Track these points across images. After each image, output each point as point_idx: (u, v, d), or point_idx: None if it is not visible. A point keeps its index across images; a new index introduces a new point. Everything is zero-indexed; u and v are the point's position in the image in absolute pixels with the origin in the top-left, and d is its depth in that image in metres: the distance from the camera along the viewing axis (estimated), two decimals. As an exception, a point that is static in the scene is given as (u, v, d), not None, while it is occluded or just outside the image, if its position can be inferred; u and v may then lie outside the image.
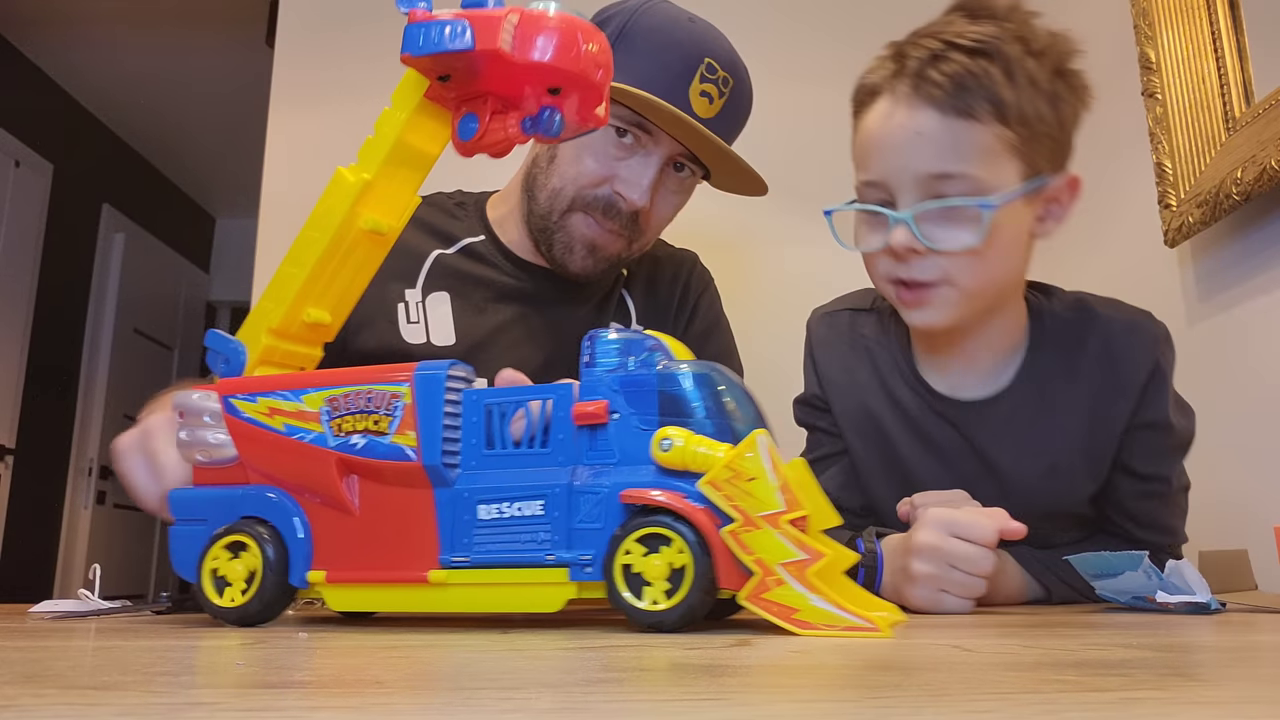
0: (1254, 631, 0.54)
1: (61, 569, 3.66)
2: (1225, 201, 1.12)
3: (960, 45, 0.74)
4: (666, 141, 0.94)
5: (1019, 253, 0.80)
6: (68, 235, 3.76)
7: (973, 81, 0.73)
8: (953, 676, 0.33)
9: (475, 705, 0.28)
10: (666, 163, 0.95)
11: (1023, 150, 0.74)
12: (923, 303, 0.78)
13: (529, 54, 0.51)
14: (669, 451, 0.48)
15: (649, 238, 1.00)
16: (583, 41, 0.52)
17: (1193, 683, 0.33)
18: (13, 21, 3.35)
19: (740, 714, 0.26)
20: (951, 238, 0.74)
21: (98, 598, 0.70)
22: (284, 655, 0.42)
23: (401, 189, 0.59)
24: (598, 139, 0.94)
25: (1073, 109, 0.78)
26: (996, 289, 0.80)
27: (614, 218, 0.95)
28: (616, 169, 0.94)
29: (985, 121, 0.73)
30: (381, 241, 0.60)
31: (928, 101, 0.73)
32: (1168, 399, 0.84)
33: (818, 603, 0.45)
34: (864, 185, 0.79)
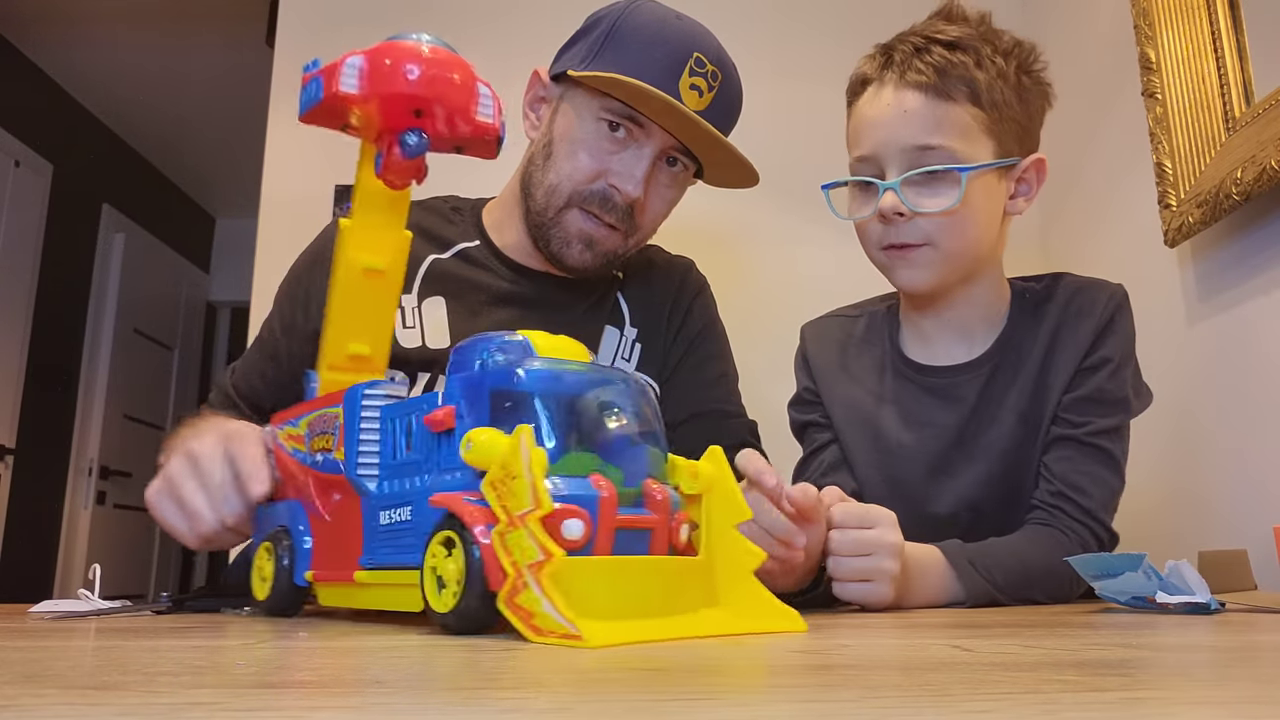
0: (1254, 631, 0.54)
1: (61, 569, 3.66)
2: (1225, 201, 1.12)
3: (940, 40, 0.86)
4: (658, 134, 0.94)
5: (993, 224, 0.90)
6: (68, 235, 3.75)
7: (951, 69, 0.85)
8: (953, 676, 0.33)
9: (475, 705, 0.28)
10: (659, 155, 0.95)
11: (994, 130, 0.86)
12: (909, 262, 0.88)
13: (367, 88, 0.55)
14: (469, 451, 0.47)
15: (644, 233, 1.00)
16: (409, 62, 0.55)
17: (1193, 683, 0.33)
18: (13, 21, 3.35)
19: (740, 714, 0.26)
20: (933, 201, 0.85)
21: (98, 598, 0.70)
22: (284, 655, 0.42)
23: (386, 229, 0.64)
24: (591, 134, 0.95)
25: (1037, 103, 0.91)
26: (972, 254, 0.89)
27: (610, 211, 0.95)
28: (610, 163, 0.95)
29: (961, 103, 0.85)
30: (383, 278, 0.64)
31: (913, 85, 0.85)
32: (1116, 351, 0.88)
33: (547, 608, 0.42)
34: (856, 161, 0.89)
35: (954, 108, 0.85)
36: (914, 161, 0.85)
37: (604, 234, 0.97)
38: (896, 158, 0.86)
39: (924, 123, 0.85)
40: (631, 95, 0.91)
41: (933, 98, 0.85)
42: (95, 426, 3.86)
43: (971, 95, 0.85)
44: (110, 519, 3.92)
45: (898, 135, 0.85)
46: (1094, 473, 0.86)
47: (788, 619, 0.51)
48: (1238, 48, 1.17)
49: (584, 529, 0.45)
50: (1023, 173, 0.90)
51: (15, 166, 3.43)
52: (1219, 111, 1.19)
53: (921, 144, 0.84)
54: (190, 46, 3.45)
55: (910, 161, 0.85)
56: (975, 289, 0.93)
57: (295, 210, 1.75)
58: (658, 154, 0.95)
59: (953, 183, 0.84)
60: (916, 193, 0.85)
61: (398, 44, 0.57)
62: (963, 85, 0.85)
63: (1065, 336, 0.89)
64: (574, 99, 0.97)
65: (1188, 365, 1.27)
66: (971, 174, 0.84)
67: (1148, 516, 1.37)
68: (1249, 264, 1.14)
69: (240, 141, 3.34)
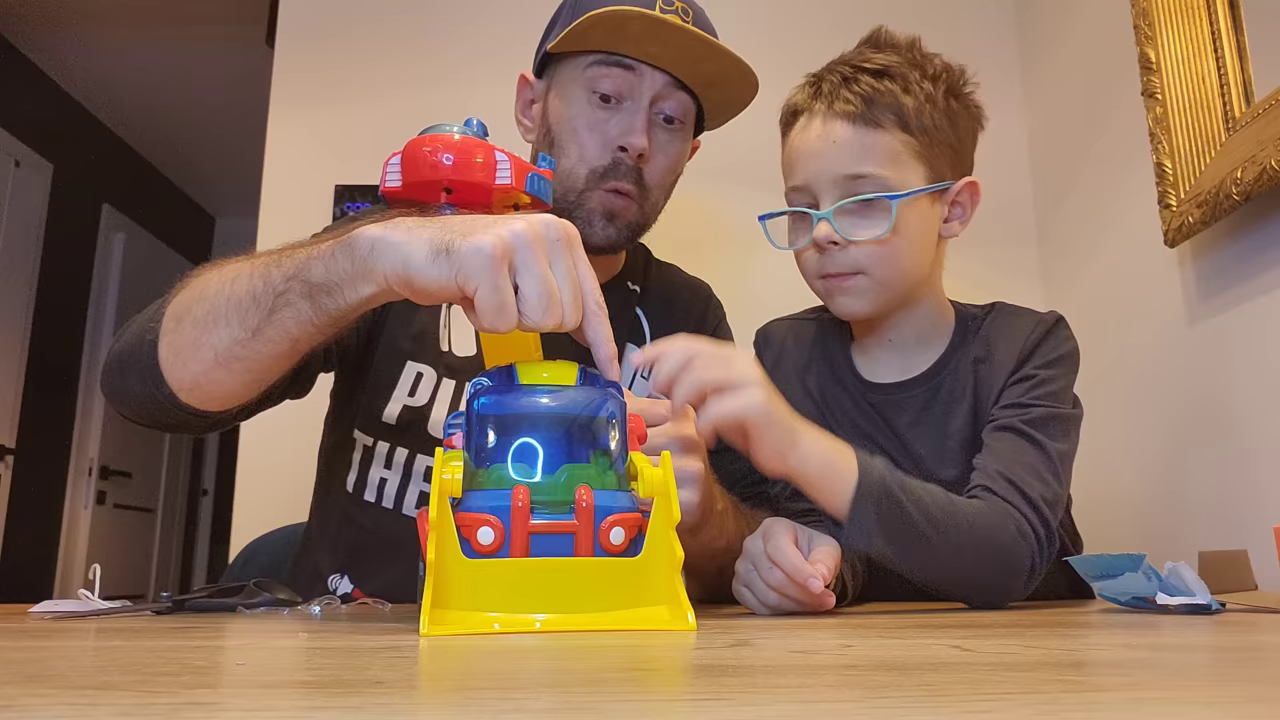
0: (1254, 631, 0.54)
1: (61, 569, 3.66)
2: (1225, 201, 1.12)
3: (867, 69, 0.88)
4: (648, 76, 0.94)
5: (928, 249, 0.91)
6: (68, 235, 3.75)
7: (878, 97, 0.86)
8: (953, 676, 0.33)
9: (475, 705, 0.28)
10: (654, 103, 0.95)
11: (925, 155, 0.87)
12: (845, 291, 0.89)
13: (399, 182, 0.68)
14: None
15: (655, 198, 0.99)
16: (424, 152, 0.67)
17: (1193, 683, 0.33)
18: (13, 21, 3.35)
19: (741, 714, 0.26)
20: (865, 230, 0.86)
21: (98, 598, 0.70)
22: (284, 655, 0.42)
23: None
24: (584, 111, 0.95)
25: (968, 125, 0.91)
26: (907, 280, 0.90)
27: (623, 176, 0.94)
28: (609, 128, 0.94)
29: (890, 130, 0.86)
30: None
31: (841, 115, 0.86)
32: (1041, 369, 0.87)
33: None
34: (792, 191, 0.91)
35: (882, 135, 0.86)
36: (846, 190, 0.86)
37: (621, 204, 0.96)
38: (829, 187, 0.87)
39: (853, 152, 0.86)
40: (611, 29, 0.90)
41: (861, 127, 0.86)
42: (95, 426, 3.86)
43: (900, 122, 0.86)
44: (110, 519, 3.92)
45: (828, 166, 0.87)
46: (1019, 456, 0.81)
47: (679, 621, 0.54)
48: (1238, 48, 1.17)
49: (494, 535, 0.52)
50: (956, 196, 0.91)
51: (15, 166, 3.43)
52: (1219, 111, 1.19)
53: (852, 173, 0.86)
54: (190, 47, 3.45)
55: (842, 190, 0.86)
56: (914, 312, 0.94)
57: (295, 210, 1.75)
58: (652, 101, 0.95)
59: (884, 211, 0.85)
60: (850, 222, 0.86)
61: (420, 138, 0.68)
62: (891, 113, 0.86)
63: (994, 359, 0.89)
64: (560, 82, 0.97)
65: (1188, 365, 1.27)
66: (902, 201, 0.85)
67: (1148, 516, 1.37)
68: (1249, 264, 1.14)
69: (240, 141, 3.34)
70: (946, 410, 0.91)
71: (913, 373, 0.93)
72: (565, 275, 0.58)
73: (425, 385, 0.97)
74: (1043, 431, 0.83)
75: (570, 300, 0.58)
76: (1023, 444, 0.82)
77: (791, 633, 0.53)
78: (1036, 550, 0.77)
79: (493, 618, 0.52)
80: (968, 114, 0.91)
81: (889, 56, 0.89)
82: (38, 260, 3.57)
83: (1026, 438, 0.82)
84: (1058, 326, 0.90)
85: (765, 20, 1.83)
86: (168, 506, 4.41)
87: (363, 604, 0.81)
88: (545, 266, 0.57)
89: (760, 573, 0.70)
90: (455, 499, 0.54)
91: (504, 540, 0.53)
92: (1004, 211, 1.75)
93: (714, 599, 0.82)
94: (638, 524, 0.56)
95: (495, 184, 0.67)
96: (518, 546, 0.53)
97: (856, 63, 0.89)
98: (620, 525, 0.55)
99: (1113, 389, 1.47)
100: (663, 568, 0.56)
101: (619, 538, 0.55)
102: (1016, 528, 0.76)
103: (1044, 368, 0.87)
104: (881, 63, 0.88)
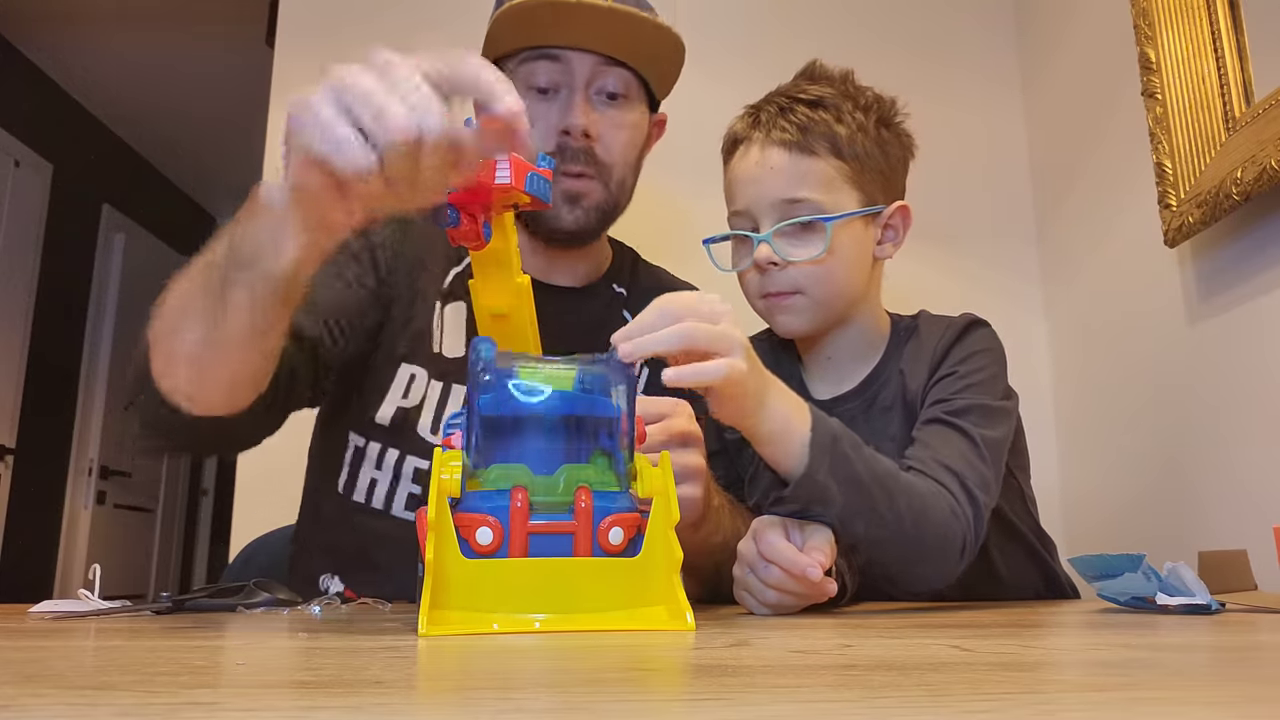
0: (1254, 631, 0.54)
1: (61, 569, 3.66)
2: (1225, 201, 1.12)
3: (802, 99, 0.93)
4: (575, 61, 0.94)
5: (862, 269, 0.95)
6: (68, 235, 3.75)
7: (813, 126, 0.91)
8: (953, 676, 0.33)
9: (475, 705, 0.28)
10: (589, 83, 0.95)
11: (857, 181, 0.92)
12: (784, 309, 0.93)
13: None
14: None
15: (618, 175, 0.98)
16: None
17: (1193, 683, 0.33)
18: (13, 21, 3.35)
19: (741, 714, 0.26)
20: (802, 251, 0.90)
21: (98, 598, 0.70)
22: (284, 655, 0.42)
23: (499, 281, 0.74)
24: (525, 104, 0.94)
25: (899, 153, 0.96)
26: (843, 298, 0.94)
27: (573, 160, 0.94)
28: (548, 117, 0.94)
29: (824, 156, 0.91)
30: (505, 319, 0.75)
31: (777, 143, 0.91)
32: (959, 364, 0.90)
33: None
34: (733, 216, 0.95)
35: (817, 162, 0.90)
36: (783, 214, 0.90)
37: (580, 185, 0.96)
38: (767, 211, 0.91)
39: (789, 178, 0.90)
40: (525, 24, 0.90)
41: (796, 153, 0.90)
42: (95, 426, 3.86)
43: (834, 149, 0.91)
44: (110, 519, 3.92)
45: (766, 190, 0.91)
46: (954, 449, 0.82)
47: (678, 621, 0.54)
48: (1238, 48, 1.17)
49: (493, 536, 0.52)
50: (888, 219, 0.95)
51: (15, 166, 3.43)
52: (1219, 111, 1.18)
53: (788, 198, 0.90)
54: (190, 46, 3.45)
55: (780, 214, 0.91)
56: (850, 329, 0.97)
57: (295, 210, 1.75)
58: (588, 81, 0.95)
59: (819, 233, 0.90)
60: (788, 243, 0.91)
61: None
62: (824, 140, 0.90)
63: (915, 365, 0.93)
64: None
65: (1188, 365, 1.27)
66: (836, 223, 0.90)
67: (1148, 516, 1.37)
68: (1249, 264, 1.14)
69: (240, 141, 3.34)
70: (882, 419, 0.94)
71: (849, 385, 0.98)
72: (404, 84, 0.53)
73: (417, 387, 0.97)
74: (966, 420, 0.84)
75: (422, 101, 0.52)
76: (949, 433, 0.84)
77: (791, 633, 0.53)
78: (969, 530, 0.78)
79: (491, 618, 0.52)
80: (898, 142, 0.96)
81: (823, 88, 0.94)
82: (38, 260, 3.56)
83: (952, 426, 0.84)
84: (971, 328, 0.94)
85: (766, 21, 1.83)
86: (168, 506, 4.41)
87: (362, 604, 0.81)
88: (374, 88, 0.52)
89: (756, 573, 0.70)
90: (454, 499, 0.54)
91: (503, 540, 0.53)
92: (1004, 211, 1.75)
93: (712, 598, 0.82)
94: (636, 524, 0.56)
95: (495, 184, 0.67)
96: (516, 547, 0.53)
97: (793, 94, 0.94)
98: (619, 525, 0.55)
99: (1112, 389, 1.47)
100: (662, 568, 0.56)
101: (618, 538, 0.55)
102: (949, 507, 0.77)
103: (961, 363, 0.90)
104: (816, 94, 0.93)
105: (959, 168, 1.70)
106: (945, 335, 0.93)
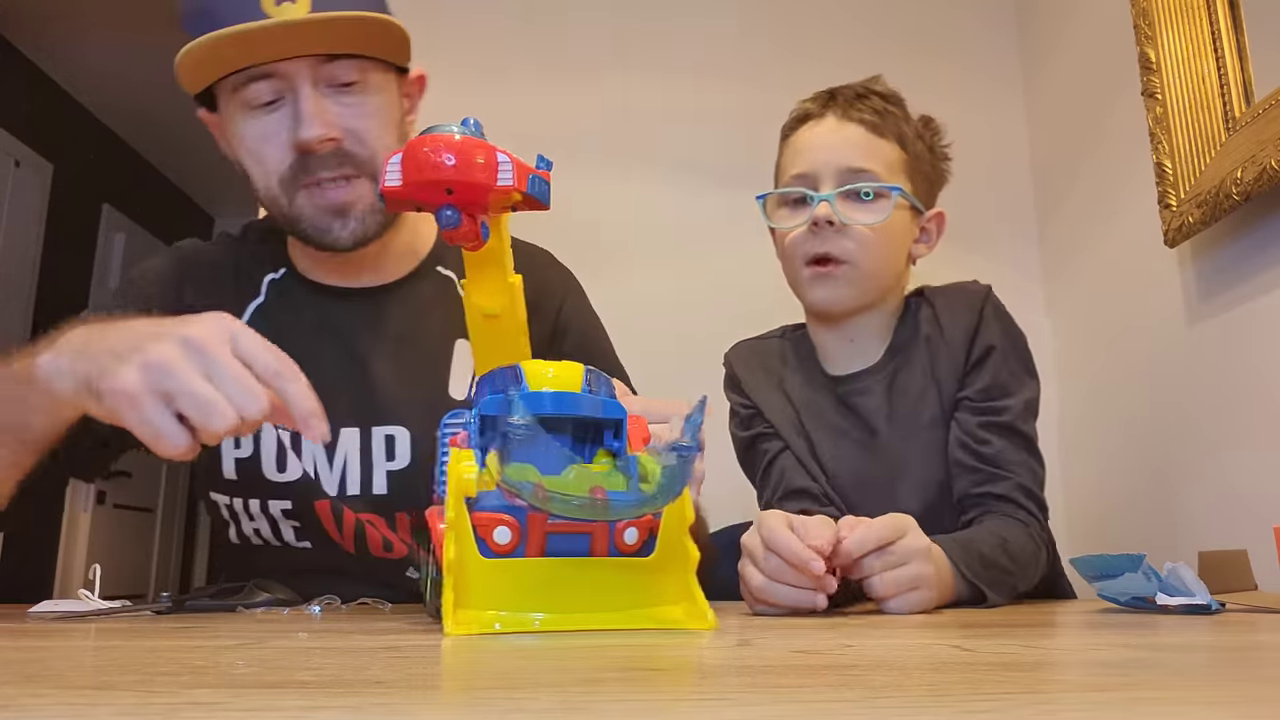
0: (1254, 631, 0.54)
1: (61, 569, 3.66)
2: (1225, 201, 1.12)
3: (877, 92, 1.01)
4: (291, 70, 0.86)
5: (902, 256, 1.01)
6: (68, 235, 3.75)
7: (886, 114, 0.99)
8: (953, 676, 0.33)
9: (475, 705, 0.28)
10: (313, 85, 0.87)
11: (911, 175, 0.99)
12: (829, 279, 0.97)
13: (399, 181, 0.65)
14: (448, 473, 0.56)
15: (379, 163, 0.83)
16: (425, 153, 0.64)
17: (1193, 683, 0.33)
18: (13, 21, 3.35)
19: (741, 714, 0.26)
20: (861, 215, 0.95)
21: (97, 598, 0.70)
22: (284, 655, 0.42)
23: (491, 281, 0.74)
24: (249, 126, 0.88)
25: (940, 170, 1.05)
26: (884, 277, 0.99)
27: (322, 166, 0.88)
28: (280, 131, 0.88)
29: (891, 142, 0.98)
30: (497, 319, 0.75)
31: (854, 120, 0.98)
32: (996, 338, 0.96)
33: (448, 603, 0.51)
34: (792, 179, 0.99)
35: (886, 144, 0.98)
36: (847, 180, 0.96)
37: (343, 193, 0.89)
38: (832, 176, 0.96)
39: (862, 149, 0.97)
40: (214, 56, 0.83)
41: (870, 132, 0.97)
42: (95, 426, 3.85)
43: (900, 139, 0.99)
44: (110, 519, 3.92)
45: (836, 156, 0.97)
46: (1011, 454, 0.92)
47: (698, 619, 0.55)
48: (1238, 48, 1.17)
49: (511, 535, 0.52)
50: (926, 222, 1.02)
51: (15, 166, 3.43)
52: (1219, 111, 1.18)
53: (857, 166, 0.96)
54: (190, 47, 3.45)
55: (843, 181, 0.96)
56: (875, 315, 1.02)
57: (295, 210, 1.75)
58: (311, 83, 0.86)
59: (883, 202, 0.95)
60: (848, 207, 0.95)
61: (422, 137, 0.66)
62: (894, 129, 0.98)
63: (945, 335, 0.98)
64: (222, 109, 0.91)
65: (1188, 365, 1.27)
66: (898, 197, 0.96)
67: (1148, 516, 1.37)
68: (1249, 264, 1.14)
69: (240, 141, 3.33)
70: (907, 387, 0.99)
71: (871, 360, 1.02)
72: (224, 374, 0.59)
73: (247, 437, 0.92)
74: (1025, 423, 0.94)
75: (242, 394, 0.59)
76: (1017, 443, 0.93)
77: (792, 633, 0.53)
78: (1045, 543, 0.90)
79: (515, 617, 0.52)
80: (941, 162, 1.05)
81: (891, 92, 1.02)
82: (38, 260, 3.56)
83: (1018, 435, 0.93)
84: (991, 297, 0.99)
85: (767, 20, 1.83)
86: (168, 506, 4.41)
87: (362, 604, 0.81)
88: (195, 381, 0.59)
89: (757, 563, 0.70)
90: (470, 499, 0.54)
91: (520, 540, 0.53)
92: (1004, 211, 1.75)
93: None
94: (650, 525, 0.56)
95: (496, 185, 0.67)
96: (534, 546, 0.53)
97: (868, 86, 1.01)
98: (634, 525, 0.55)
99: (1112, 388, 1.47)
100: (678, 567, 0.56)
101: (633, 538, 0.55)
102: (1034, 536, 0.87)
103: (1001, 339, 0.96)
104: (887, 92, 1.01)
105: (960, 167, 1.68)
106: (972, 306, 0.98)
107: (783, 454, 1.02)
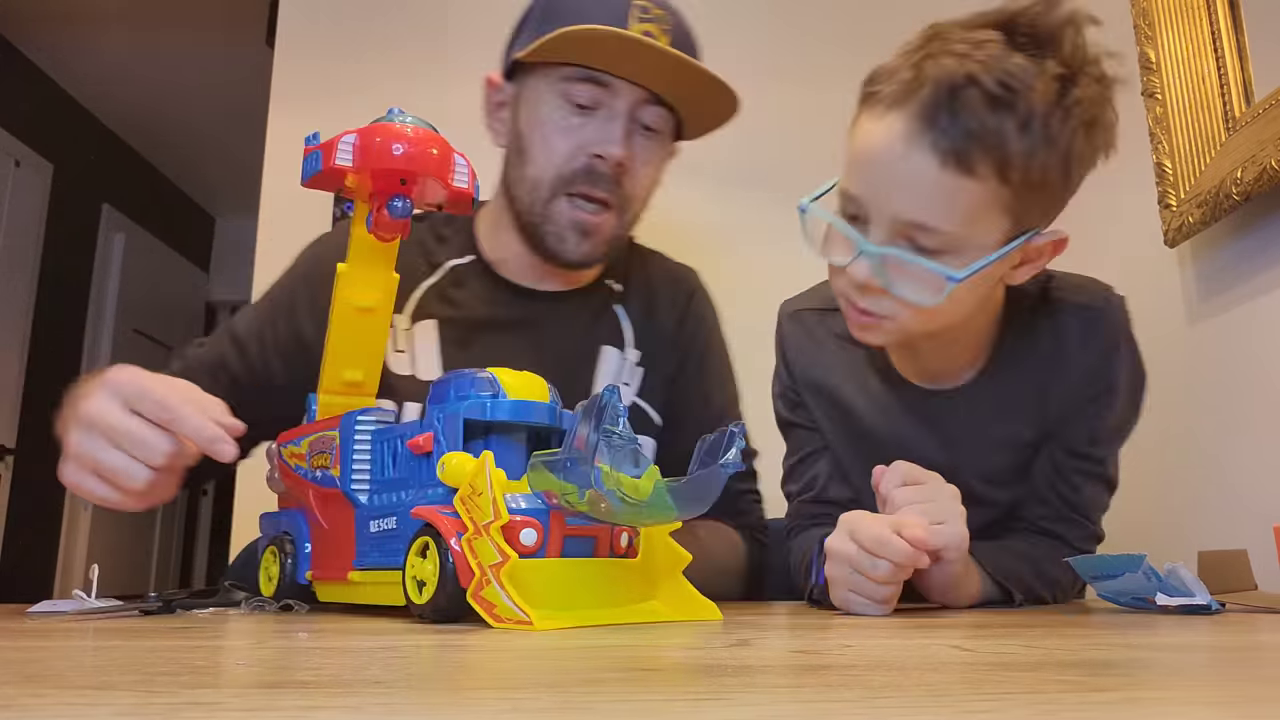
0: (1254, 631, 0.54)
1: (61, 569, 3.66)
2: (1225, 201, 1.12)
3: (983, 85, 0.66)
4: (624, 90, 0.91)
5: (978, 298, 0.78)
6: (68, 235, 3.75)
7: (983, 134, 0.67)
8: (953, 676, 0.33)
9: (475, 705, 0.28)
10: (632, 112, 0.92)
11: (1015, 208, 0.70)
12: (870, 328, 0.77)
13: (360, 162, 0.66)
14: (444, 472, 0.57)
15: (635, 207, 0.97)
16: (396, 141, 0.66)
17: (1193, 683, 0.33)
18: (13, 21, 3.35)
19: (740, 714, 0.26)
20: (910, 290, 0.72)
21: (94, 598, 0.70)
22: (284, 655, 0.42)
23: (376, 273, 0.74)
24: (558, 116, 0.91)
25: (1089, 161, 0.74)
26: (951, 323, 0.78)
27: (598, 184, 0.92)
28: (583, 135, 0.91)
29: (983, 179, 0.68)
30: (373, 315, 0.75)
31: (930, 147, 0.68)
32: (1116, 377, 0.83)
33: (505, 600, 0.51)
34: (844, 193, 0.75)
35: (970, 185, 0.68)
36: (903, 232, 0.71)
37: (597, 220, 0.93)
38: (885, 220, 0.71)
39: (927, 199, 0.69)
40: (583, 45, 0.87)
41: (950, 169, 0.68)
42: (95, 426, 3.85)
43: (999, 170, 0.68)
44: (110, 519, 3.91)
45: (893, 199, 0.71)
46: (1096, 498, 0.88)
47: (708, 610, 0.60)
48: (1238, 48, 1.17)
49: (537, 536, 0.55)
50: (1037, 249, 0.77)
51: (15, 166, 3.43)
52: (1219, 111, 1.19)
53: (916, 221, 0.70)
54: (190, 47, 3.45)
55: (899, 230, 0.71)
56: (958, 332, 0.82)
57: (295, 210, 1.75)
58: (630, 110, 0.92)
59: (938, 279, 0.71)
60: (897, 272, 0.72)
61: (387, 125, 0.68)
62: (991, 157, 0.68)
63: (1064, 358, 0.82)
64: (531, 87, 0.94)
65: (1188, 365, 1.27)
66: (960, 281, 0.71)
67: (1147, 516, 1.37)
68: (1249, 264, 1.15)
69: (240, 141, 3.34)
70: (1006, 408, 0.84)
71: (957, 380, 0.85)
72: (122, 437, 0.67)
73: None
74: (1115, 467, 0.88)
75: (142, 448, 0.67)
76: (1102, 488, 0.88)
77: (791, 633, 0.53)
78: None
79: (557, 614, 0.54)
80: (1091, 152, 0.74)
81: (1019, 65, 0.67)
82: (38, 260, 3.56)
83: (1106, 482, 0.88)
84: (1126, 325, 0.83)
85: (766, 22, 1.83)
86: (168, 506, 4.40)
87: None
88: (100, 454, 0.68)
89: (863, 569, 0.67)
90: None
91: (543, 542, 0.55)
92: (1004, 211, 1.75)
93: None
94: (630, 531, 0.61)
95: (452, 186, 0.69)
96: (554, 548, 0.56)
97: (973, 68, 0.67)
98: (625, 531, 0.60)
99: (1113, 389, 1.47)
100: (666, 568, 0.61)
101: (624, 542, 0.60)
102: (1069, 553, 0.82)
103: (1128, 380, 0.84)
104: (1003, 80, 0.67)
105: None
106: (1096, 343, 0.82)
107: (822, 455, 0.92)
